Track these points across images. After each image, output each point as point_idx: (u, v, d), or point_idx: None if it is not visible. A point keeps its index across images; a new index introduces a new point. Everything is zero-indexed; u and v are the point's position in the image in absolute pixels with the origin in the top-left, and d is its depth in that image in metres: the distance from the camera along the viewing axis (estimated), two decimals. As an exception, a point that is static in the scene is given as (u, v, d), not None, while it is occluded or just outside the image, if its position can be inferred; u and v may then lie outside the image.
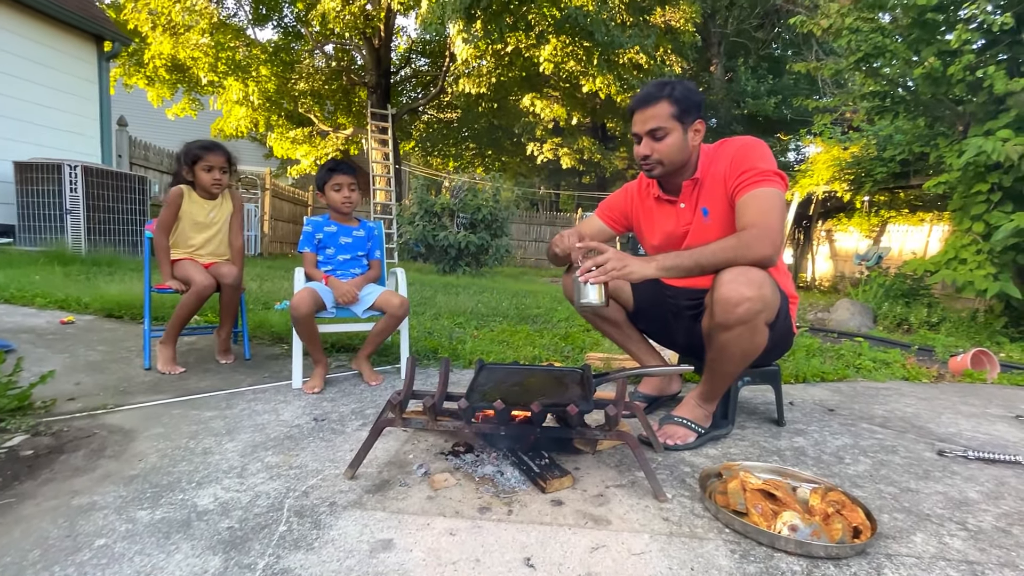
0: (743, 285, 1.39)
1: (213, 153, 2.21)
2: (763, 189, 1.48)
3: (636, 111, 1.59)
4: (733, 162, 1.56)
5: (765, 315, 1.43)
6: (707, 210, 1.63)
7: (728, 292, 1.40)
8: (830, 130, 9.15)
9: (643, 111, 1.57)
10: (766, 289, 1.41)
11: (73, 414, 1.65)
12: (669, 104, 1.53)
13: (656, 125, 1.55)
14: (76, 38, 7.12)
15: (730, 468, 1.36)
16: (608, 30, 9.19)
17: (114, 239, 6.15)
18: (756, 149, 1.56)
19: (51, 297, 3.37)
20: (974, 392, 2.67)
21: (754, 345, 1.48)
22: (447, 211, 8.48)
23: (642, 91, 1.60)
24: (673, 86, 1.55)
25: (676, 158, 1.59)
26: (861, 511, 1.17)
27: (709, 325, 1.51)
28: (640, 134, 1.59)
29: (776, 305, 1.47)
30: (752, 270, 1.41)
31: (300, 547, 1.02)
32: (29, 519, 1.08)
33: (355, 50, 12.83)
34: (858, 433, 1.87)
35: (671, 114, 1.54)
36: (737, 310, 1.40)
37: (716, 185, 1.60)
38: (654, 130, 1.55)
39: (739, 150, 1.58)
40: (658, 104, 1.54)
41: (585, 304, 1.48)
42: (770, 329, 1.49)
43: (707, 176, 1.62)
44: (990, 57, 4.63)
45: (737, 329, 1.44)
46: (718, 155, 1.62)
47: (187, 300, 2.11)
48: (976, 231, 4.61)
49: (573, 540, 1.08)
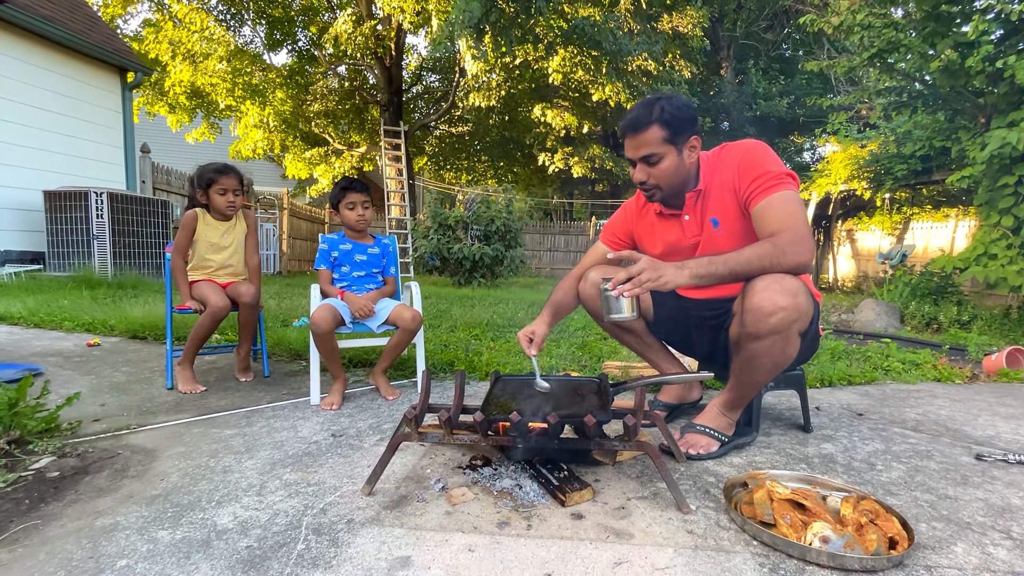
0: (777, 294, 1.33)
1: (226, 176, 2.26)
2: (781, 193, 1.42)
3: (626, 137, 1.53)
4: (741, 169, 1.50)
5: (799, 325, 1.38)
6: (717, 221, 1.57)
7: (761, 301, 1.34)
8: (846, 128, 9.01)
9: (634, 137, 1.50)
10: (801, 298, 1.35)
11: (98, 435, 1.68)
12: (659, 128, 1.47)
13: (648, 152, 1.49)
14: (100, 70, 7.40)
15: (756, 477, 1.31)
16: (616, 38, 9.23)
17: (139, 262, 6.33)
18: (761, 152, 1.51)
19: (78, 320, 3.46)
20: (1011, 392, 2.56)
21: (785, 356, 1.43)
22: (461, 224, 8.53)
23: (631, 114, 1.51)
24: (662, 107, 1.47)
25: (674, 180, 1.54)
26: (896, 520, 1.12)
27: (738, 334, 1.45)
28: (634, 160, 1.53)
29: (810, 314, 1.41)
30: (787, 278, 1.35)
31: (318, 565, 1.01)
32: (54, 541, 1.09)
33: (367, 70, 13.09)
34: (889, 438, 1.80)
35: (663, 138, 1.47)
36: (771, 320, 1.34)
37: (724, 194, 1.54)
38: (647, 156, 1.50)
39: (745, 155, 1.52)
40: (648, 130, 1.47)
41: (617, 320, 1.40)
42: (802, 338, 1.44)
43: (712, 186, 1.56)
44: (1010, 47, 4.52)
45: (769, 339, 1.38)
46: (721, 162, 1.57)
47: (202, 322, 2.15)
48: (1005, 225, 4.47)
49: (595, 555, 1.06)
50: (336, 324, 2.03)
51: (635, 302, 1.38)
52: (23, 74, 6.32)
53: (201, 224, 2.27)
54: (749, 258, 1.35)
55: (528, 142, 15.27)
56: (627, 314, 1.38)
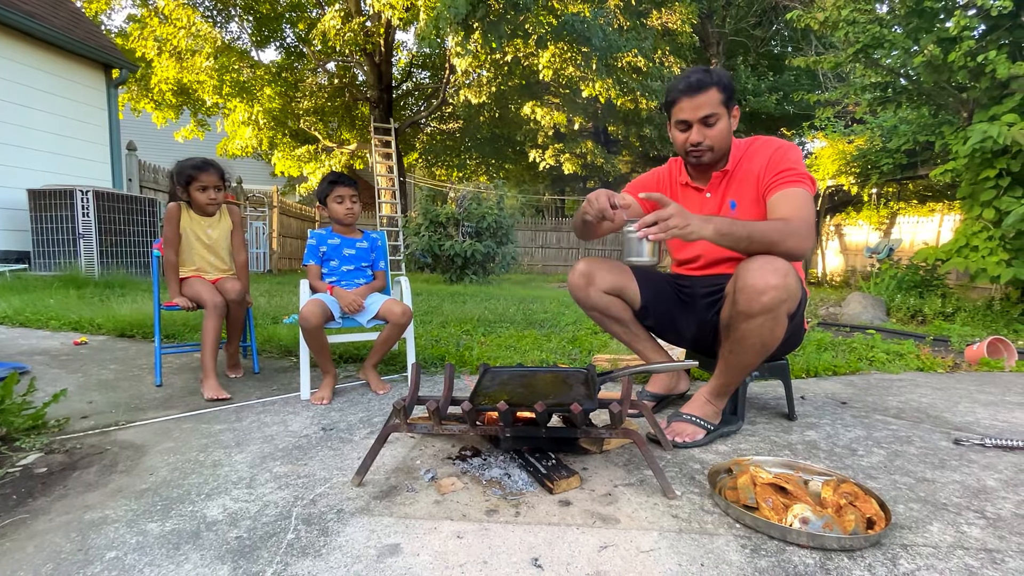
0: (769, 273, 1.40)
1: (206, 172, 2.20)
2: (797, 189, 1.53)
3: (683, 98, 1.58)
4: (771, 161, 1.60)
5: (788, 305, 1.43)
6: (735, 203, 1.66)
7: (755, 279, 1.40)
8: (833, 124, 9.10)
9: (693, 98, 1.57)
10: (791, 279, 1.41)
11: (86, 431, 1.67)
12: (718, 91, 1.55)
13: (709, 111, 1.56)
14: (85, 67, 7.30)
15: (740, 463, 1.34)
16: (605, 35, 9.25)
17: (126, 261, 6.26)
18: (793, 152, 1.61)
19: (65, 319, 3.43)
20: (991, 380, 2.61)
21: (773, 336, 1.47)
22: (452, 221, 8.53)
23: (688, 77, 1.58)
24: (718, 73, 1.57)
25: (724, 144, 1.63)
26: (875, 502, 1.15)
27: (730, 314, 1.50)
28: (691, 121, 1.59)
29: (798, 297, 1.47)
30: (777, 260, 1.43)
31: (308, 554, 1.02)
32: (42, 534, 1.09)
33: (356, 67, 13.02)
34: (871, 425, 1.84)
35: (720, 100, 1.56)
36: (762, 298, 1.40)
37: (747, 180, 1.64)
38: (707, 116, 1.57)
39: (777, 151, 1.61)
40: (709, 91, 1.55)
41: (636, 263, 1.42)
42: (790, 321, 1.49)
43: (738, 170, 1.66)
44: (991, 42, 4.59)
45: (760, 318, 1.43)
46: (751, 152, 1.66)
47: (207, 324, 2.10)
48: (987, 218, 4.55)
49: (581, 540, 1.08)
50: (325, 319, 2.03)
51: (657, 247, 1.42)
52: (4, 71, 6.22)
53: (185, 217, 2.24)
54: (764, 230, 1.45)
55: (519, 139, 15.27)
56: (647, 258, 1.40)
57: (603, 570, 0.98)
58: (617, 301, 1.82)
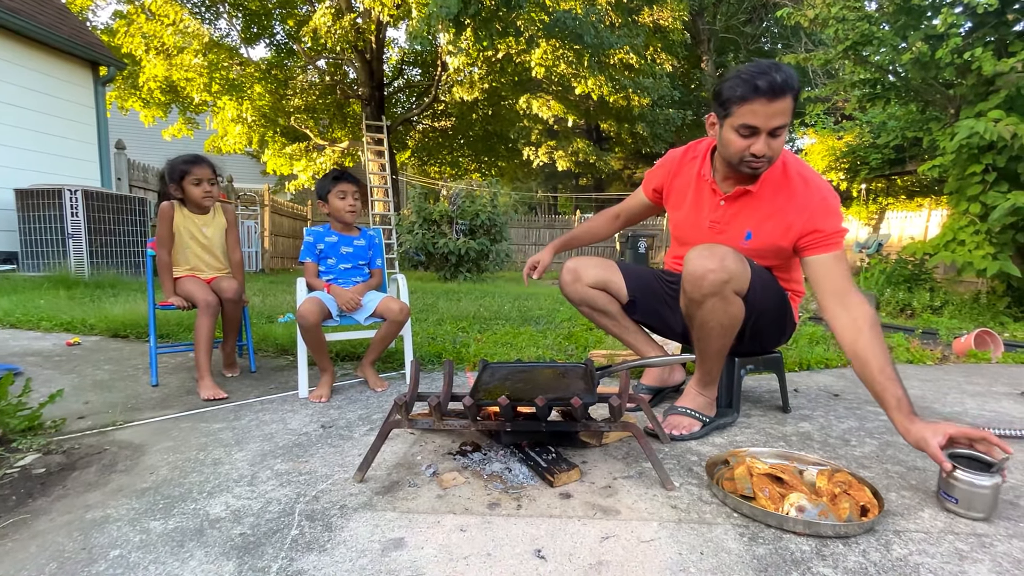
0: (706, 259, 1.45)
1: (199, 166, 2.19)
2: (839, 252, 1.48)
3: (758, 99, 1.35)
4: (815, 215, 1.48)
5: (733, 284, 1.46)
6: (751, 234, 1.58)
7: (693, 267, 1.47)
8: (823, 120, 9.19)
9: (772, 102, 1.35)
10: (728, 260, 1.45)
11: (83, 432, 1.66)
12: (793, 99, 1.37)
13: (783, 121, 1.39)
14: (72, 64, 7.20)
15: (737, 455, 1.37)
16: (597, 32, 9.26)
17: (117, 261, 6.20)
18: (836, 206, 1.51)
19: (56, 320, 3.39)
20: (979, 372, 2.67)
21: (729, 316, 1.50)
22: (446, 218, 8.52)
23: (768, 74, 1.34)
24: (794, 76, 1.37)
25: (777, 158, 1.49)
26: (868, 490, 1.18)
27: (685, 304, 1.56)
28: (761, 129, 1.38)
29: (744, 276, 1.48)
30: (716, 245, 1.49)
31: (313, 549, 1.03)
32: (44, 534, 1.09)
33: (347, 64, 12.93)
34: (864, 416, 1.87)
35: (793, 109, 1.39)
36: (703, 282, 1.46)
37: (774, 217, 1.53)
38: (779, 128, 1.39)
39: (823, 204, 1.49)
40: (788, 97, 1.35)
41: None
42: (746, 302, 1.51)
43: (763, 196, 1.54)
44: (977, 39, 4.66)
45: (709, 302, 1.48)
46: (787, 187, 1.52)
47: (199, 323, 2.09)
48: (973, 212, 4.62)
49: (583, 531, 1.09)
50: (323, 317, 2.03)
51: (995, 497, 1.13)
52: (-11, 69, 6.12)
53: (179, 216, 2.22)
54: (888, 357, 1.33)
55: (512, 136, 15.25)
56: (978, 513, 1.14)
57: (605, 560, 0.99)
58: (603, 294, 1.85)
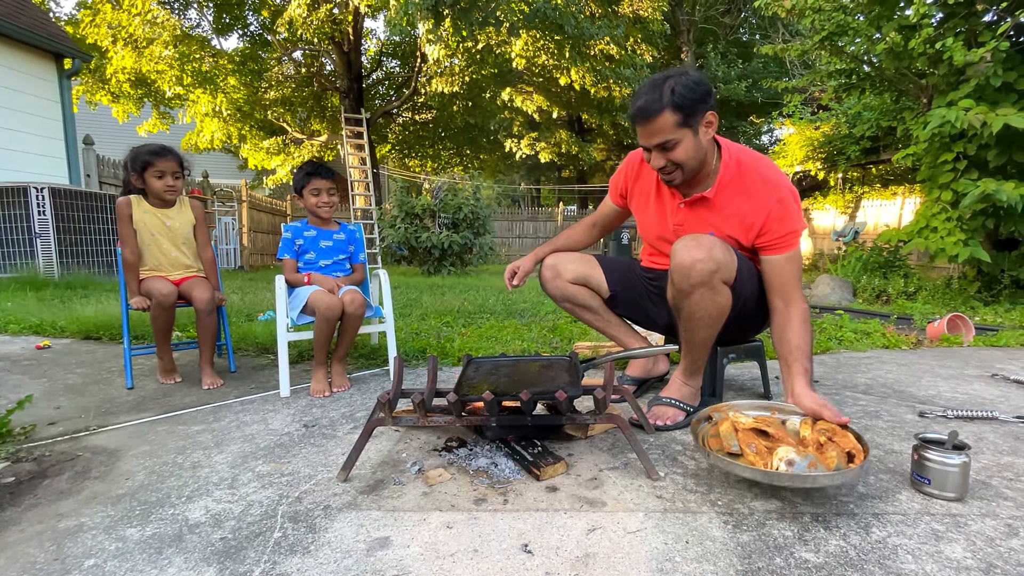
0: (693, 250, 1.45)
1: (163, 158, 2.09)
2: (797, 251, 1.54)
3: (637, 125, 1.47)
4: (773, 217, 1.51)
5: (720, 274, 1.47)
6: (713, 235, 1.57)
7: (681, 258, 1.47)
8: (800, 111, 9.31)
9: (645, 126, 1.44)
10: (716, 251, 1.45)
11: (55, 438, 1.61)
12: (671, 112, 1.40)
13: (663, 139, 1.44)
14: (33, 56, 6.92)
15: (719, 409, 1.38)
16: (578, 22, 9.22)
17: (88, 260, 6.01)
18: (795, 206, 1.53)
19: (25, 323, 3.28)
20: (951, 355, 2.74)
21: (717, 305, 1.51)
22: (428, 212, 8.44)
23: (639, 100, 1.44)
24: (672, 87, 1.40)
25: (694, 162, 1.50)
26: (852, 436, 1.19)
27: (672, 295, 1.55)
28: (648, 147, 1.49)
29: (731, 265, 1.48)
30: (702, 236, 1.49)
31: (296, 551, 1.01)
32: (14, 546, 1.05)
33: (324, 55, 12.68)
34: (842, 400, 1.91)
35: (676, 123, 1.41)
36: (692, 273, 1.45)
37: (733, 219, 1.56)
38: (662, 144, 1.45)
39: (780, 204, 1.51)
40: (660, 117, 1.41)
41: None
42: (733, 291, 1.51)
43: (720, 200, 1.56)
44: (948, 29, 4.75)
45: (697, 292, 1.47)
46: (745, 186, 1.54)
47: (153, 315, 2.05)
48: (945, 200, 4.73)
49: (569, 524, 1.09)
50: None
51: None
52: (-55, 61, 5.85)
53: (137, 211, 2.11)
54: (809, 342, 1.49)
55: (493, 128, 15.15)
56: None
57: (592, 552, 0.99)
58: (584, 289, 1.86)
